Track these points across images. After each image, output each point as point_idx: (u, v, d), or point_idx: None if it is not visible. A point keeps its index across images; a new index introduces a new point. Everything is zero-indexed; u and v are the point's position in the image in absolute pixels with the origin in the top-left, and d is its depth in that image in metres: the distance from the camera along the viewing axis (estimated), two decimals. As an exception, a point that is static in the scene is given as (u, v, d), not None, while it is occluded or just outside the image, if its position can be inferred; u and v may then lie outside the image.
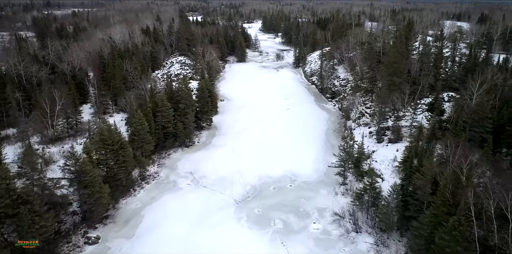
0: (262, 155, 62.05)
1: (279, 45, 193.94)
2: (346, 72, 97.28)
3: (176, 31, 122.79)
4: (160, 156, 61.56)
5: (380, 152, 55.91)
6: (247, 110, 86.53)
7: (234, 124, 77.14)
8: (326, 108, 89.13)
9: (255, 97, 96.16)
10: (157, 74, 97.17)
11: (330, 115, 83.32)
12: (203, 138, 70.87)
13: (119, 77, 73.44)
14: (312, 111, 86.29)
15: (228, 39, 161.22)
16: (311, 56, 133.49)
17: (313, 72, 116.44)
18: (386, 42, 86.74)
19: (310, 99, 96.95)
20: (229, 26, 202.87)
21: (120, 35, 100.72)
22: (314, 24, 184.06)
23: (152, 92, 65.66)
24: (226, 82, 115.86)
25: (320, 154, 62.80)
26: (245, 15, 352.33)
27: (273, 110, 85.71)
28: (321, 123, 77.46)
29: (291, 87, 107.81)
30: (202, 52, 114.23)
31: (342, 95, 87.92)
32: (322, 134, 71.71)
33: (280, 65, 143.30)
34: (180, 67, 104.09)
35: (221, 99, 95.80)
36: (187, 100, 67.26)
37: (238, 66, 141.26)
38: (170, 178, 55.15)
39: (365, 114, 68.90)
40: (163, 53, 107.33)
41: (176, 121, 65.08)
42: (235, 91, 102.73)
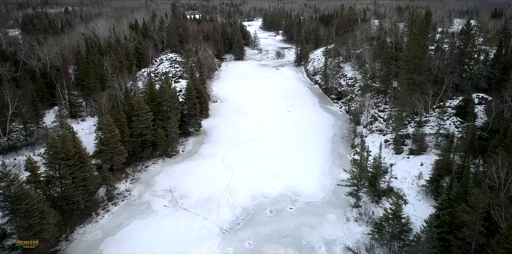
0: (258, 167, 52.16)
1: (280, 43, 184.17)
2: (354, 71, 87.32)
3: (167, 26, 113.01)
4: (135, 169, 51.70)
5: (400, 166, 45.91)
6: (242, 113, 76.64)
7: (226, 130, 67.25)
8: (332, 110, 79.15)
9: (252, 98, 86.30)
10: (143, 72, 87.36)
11: (336, 118, 73.34)
12: (189, 145, 60.92)
13: (93, 75, 63.56)
14: (316, 114, 76.31)
15: (225, 36, 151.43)
16: (314, 53, 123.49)
17: (316, 70, 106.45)
18: (399, 37, 76.79)
19: (313, 100, 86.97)
20: (228, 23, 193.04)
21: (103, 29, 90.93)
22: (316, 21, 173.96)
23: (128, 93, 55.80)
24: (221, 81, 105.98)
25: (326, 166, 52.85)
26: (245, 13, 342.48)
27: (271, 113, 75.81)
28: (326, 129, 67.48)
29: (292, 87, 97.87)
30: (195, 48, 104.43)
31: (350, 96, 77.95)
32: (328, 141, 61.73)
33: (281, 63, 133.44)
34: (170, 65, 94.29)
35: (213, 100, 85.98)
36: (170, 102, 57.43)
37: (235, 65, 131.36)
38: (143, 198, 45.24)
39: (379, 119, 58.93)
40: (151, 50, 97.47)
41: (157, 127, 55.26)
42: (230, 92, 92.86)
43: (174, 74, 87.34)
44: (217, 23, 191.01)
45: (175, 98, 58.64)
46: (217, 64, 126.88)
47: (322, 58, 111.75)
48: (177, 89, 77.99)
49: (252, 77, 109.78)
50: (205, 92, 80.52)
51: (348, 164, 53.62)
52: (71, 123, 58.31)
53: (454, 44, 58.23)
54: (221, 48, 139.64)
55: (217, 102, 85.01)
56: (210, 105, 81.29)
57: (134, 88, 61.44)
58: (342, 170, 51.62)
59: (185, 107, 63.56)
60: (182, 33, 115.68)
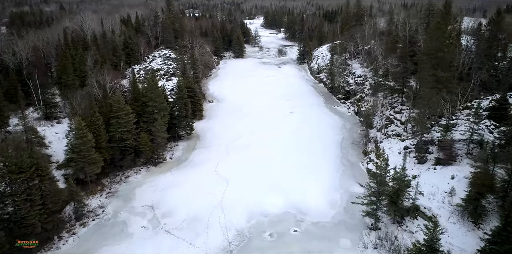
0: (256, 178, 44.83)
1: (282, 41, 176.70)
2: (363, 68, 79.88)
3: (162, 20, 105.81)
4: (113, 180, 44.44)
5: (426, 179, 38.46)
6: (240, 114, 69.31)
7: (222, 133, 59.94)
8: (339, 111, 71.74)
9: (252, 98, 78.97)
10: (133, 69, 80.00)
11: (344, 121, 65.94)
12: (179, 151, 53.61)
13: (71, 71, 56.38)
14: (322, 115, 68.90)
15: (224, 33, 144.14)
16: (318, 50, 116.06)
17: (321, 68, 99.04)
18: (413, 30, 69.36)
19: (319, 100, 79.58)
20: (227, 20, 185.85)
21: (90, 22, 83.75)
22: (320, 17, 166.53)
23: (107, 92, 48.56)
24: (218, 80, 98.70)
25: (335, 177, 45.47)
26: (246, 11, 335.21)
27: (273, 115, 68.48)
28: (334, 132, 60.08)
29: (295, 86, 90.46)
30: (191, 45, 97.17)
31: (359, 96, 70.51)
32: (336, 147, 54.34)
33: (283, 61, 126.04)
34: (163, 62, 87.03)
35: (209, 100, 78.69)
36: (156, 102, 50.17)
37: (235, 62, 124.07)
38: (119, 216, 37.96)
39: (395, 122, 51.48)
40: (143, 46, 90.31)
41: (140, 131, 48.02)
42: (228, 91, 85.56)
43: (166, 71, 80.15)
44: (216, 19, 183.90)
45: (162, 97, 51.37)
46: (215, 62, 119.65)
47: (327, 55, 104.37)
48: (169, 87, 70.88)
49: (252, 75, 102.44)
50: (199, 91, 73.30)
51: (361, 174, 46.31)
52: (44, 126, 51.31)
53: (482, 35, 50.74)
54: (219, 45, 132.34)
55: (213, 102, 77.71)
56: (205, 105, 74.04)
57: (117, 87, 54.10)
58: (354, 182, 44.23)
59: (175, 108, 56.31)
60: (177, 29, 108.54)
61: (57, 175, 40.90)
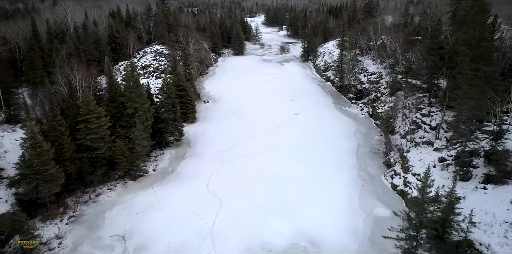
0: (256, 196, 36.41)
1: (284, 38, 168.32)
2: (376, 64, 71.34)
3: (154, 14, 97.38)
4: (80, 200, 35.99)
5: (475, 202, 29.88)
6: (239, 116, 60.86)
7: (216, 139, 51.48)
8: (351, 113, 63.20)
9: (252, 98, 70.53)
10: (120, 66, 71.72)
11: (358, 124, 57.45)
12: (164, 161, 45.12)
13: (40, 66, 48.02)
14: (332, 118, 60.41)
15: (224, 29, 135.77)
16: (324, 47, 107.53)
17: (328, 65, 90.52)
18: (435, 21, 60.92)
19: (327, 100, 71.09)
20: (227, 16, 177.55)
21: (73, 14, 75.39)
22: (324, 13, 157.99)
23: (74, 90, 40.09)
24: (216, 78, 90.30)
25: (354, 195, 36.98)
26: (247, 9, 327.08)
27: (276, 117, 60.01)
28: (348, 138, 51.59)
29: (300, 85, 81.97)
30: (185, 40, 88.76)
31: (374, 96, 61.97)
32: (351, 156, 45.85)
33: (285, 58, 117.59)
34: (154, 58, 78.64)
35: (204, 100, 70.22)
36: (136, 103, 41.73)
37: (234, 60, 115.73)
38: (79, 251, 29.53)
39: (423, 126, 42.87)
40: (133, 40, 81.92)
41: (116, 138, 39.63)
42: (226, 90, 77.11)
43: (156, 68, 71.65)
44: (215, 15, 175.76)
45: (144, 97, 42.90)
46: (213, 59, 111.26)
47: (334, 51, 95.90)
48: (158, 86, 62.41)
49: (252, 73, 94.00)
50: (192, 90, 64.88)
51: (384, 191, 37.87)
52: (4, 132, 42.93)
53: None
54: (218, 41, 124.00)
55: (209, 103, 69.25)
56: (199, 106, 65.67)
57: (91, 85, 45.60)
58: (378, 201, 35.79)
59: (162, 110, 47.87)
60: (171, 23, 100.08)
61: (7, 195, 32.58)
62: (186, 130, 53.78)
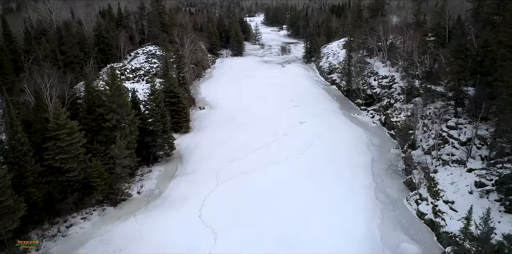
0: (257, 225, 30.62)
1: (285, 38, 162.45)
2: (386, 66, 65.56)
3: (148, 12, 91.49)
4: (47, 233, 30.04)
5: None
6: (237, 125, 54.99)
7: (212, 153, 45.58)
8: (361, 121, 57.38)
9: (252, 104, 64.67)
10: (107, 69, 65.69)
11: (370, 134, 51.67)
12: (151, 181, 39.25)
13: (11, 70, 42.17)
14: (340, 127, 54.58)
15: (222, 29, 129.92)
16: (327, 47, 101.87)
17: (333, 67, 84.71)
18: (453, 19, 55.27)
19: (333, 106, 65.25)
20: (226, 15, 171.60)
21: (57, 13, 69.47)
22: (327, 12, 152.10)
23: (41, 100, 34.13)
24: (213, 81, 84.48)
25: (373, 224, 31.18)
26: (246, 8, 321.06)
27: (278, 125, 54.21)
28: (360, 151, 45.79)
29: (303, 89, 76.05)
30: (180, 39, 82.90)
31: (387, 102, 56.17)
32: (366, 174, 40.07)
33: (287, 60, 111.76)
34: (145, 60, 72.73)
35: (200, 106, 64.34)
36: (118, 115, 35.91)
37: (232, 61, 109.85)
38: None
39: (450, 141, 37.07)
40: (124, 41, 76.07)
41: (92, 156, 33.83)
42: (223, 95, 71.22)
43: (146, 71, 65.73)
44: (213, 15, 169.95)
45: (128, 107, 37.06)
46: (210, 60, 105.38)
47: (338, 52, 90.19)
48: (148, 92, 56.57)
49: (252, 75, 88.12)
50: (187, 96, 59.03)
51: (409, 219, 32.11)
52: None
53: None
54: (216, 41, 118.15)
55: (205, 109, 63.35)
56: (194, 113, 59.91)
57: (72, 93, 39.62)
58: (403, 234, 30.02)
59: (149, 121, 42.02)
60: (166, 22, 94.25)
61: (-46, 230, 26.71)
62: (178, 141, 48.03)
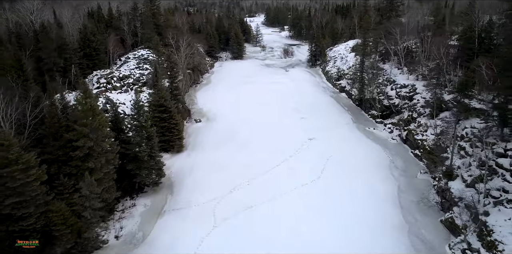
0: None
1: (286, 40, 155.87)
2: (404, 74, 58.61)
3: (141, 13, 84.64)
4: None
5: None
6: (238, 143, 47.99)
7: (208, 179, 38.58)
8: (378, 137, 50.45)
9: (254, 115, 57.86)
10: (94, 76, 58.67)
11: (391, 153, 44.70)
12: (134, 219, 32.19)
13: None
14: (356, 144, 47.59)
15: (221, 30, 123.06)
16: (334, 50, 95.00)
17: (342, 73, 77.82)
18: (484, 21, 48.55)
19: (345, 118, 58.37)
20: (225, 16, 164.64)
21: (37, 13, 62.47)
22: (331, 12, 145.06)
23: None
24: (211, 88, 77.61)
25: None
26: (246, 9, 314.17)
27: (285, 143, 47.25)
28: (383, 177, 38.82)
29: (311, 97, 69.23)
30: (175, 42, 76.01)
31: (408, 116, 49.25)
32: (394, 210, 33.09)
33: (290, 63, 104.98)
34: (136, 66, 65.78)
35: (196, 119, 57.40)
36: (91, 141, 28.91)
37: (232, 65, 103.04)
38: None
39: (500, 172, 30.07)
40: (113, 44, 69.17)
41: (58, 194, 26.87)
42: (222, 104, 64.37)
43: (136, 79, 58.65)
44: (212, 15, 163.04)
45: (104, 132, 30.07)
46: (209, 64, 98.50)
47: (346, 55, 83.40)
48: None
49: (253, 81, 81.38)
50: (179, 108, 52.05)
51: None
52: None
53: None
54: (215, 44, 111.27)
55: (201, 122, 56.39)
56: (188, 127, 53.05)
57: (33, 113, 32.45)
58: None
59: (132, 144, 35.06)
60: (161, 24, 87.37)
61: None
62: (169, 163, 41.14)
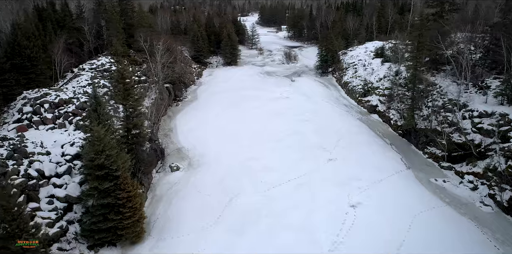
0: None
1: (285, 41, 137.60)
2: (473, 93, 40.23)
3: (105, 9, 65.35)
4: None
5: None
6: (238, 212, 29.19)
7: None
8: (454, 197, 31.95)
9: (258, 155, 39.15)
10: (17, 102, 39.09)
11: (493, 238, 26.39)
12: None
13: None
14: (426, 216, 29.11)
15: (211, 31, 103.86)
16: (351, 56, 76.67)
17: (370, 87, 59.44)
18: None
19: (392, 159, 39.67)
20: (216, 14, 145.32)
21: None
22: (340, 10, 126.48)
23: None
24: (197, 108, 58.47)
25: None
26: (239, 8, 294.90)
27: (314, 215, 28.65)
28: None
29: (332, 122, 50.56)
30: (147, 47, 56.85)
31: (508, 167, 30.87)
32: None
33: (295, 70, 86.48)
34: (90, 81, 46.55)
35: (173, 166, 38.06)
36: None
37: (225, 73, 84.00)
38: None
39: None
40: (60, 52, 50.05)
41: None
42: (213, 136, 45.33)
43: (80, 106, 38.84)
44: (201, 13, 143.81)
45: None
46: (196, 73, 79.48)
47: (370, 62, 65.38)
48: (69, 155, 30.47)
49: (253, 96, 62.66)
50: (146, 154, 32.88)
51: None
52: None
53: None
54: (203, 47, 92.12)
55: (181, 171, 37.25)
56: (157, 183, 33.87)
57: None
58: None
59: None
60: (133, 23, 68.20)
61: None
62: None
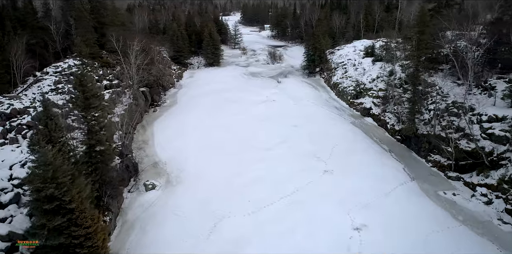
0: None
1: (269, 40, 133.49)
2: (477, 95, 36.79)
3: (73, 6, 59.46)
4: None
5: None
6: (224, 239, 24.61)
7: None
8: (466, 212, 28.23)
9: (245, 168, 34.60)
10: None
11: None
12: None
13: None
14: (439, 237, 25.27)
15: (191, 30, 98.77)
16: (339, 55, 72.90)
17: (362, 88, 55.68)
18: None
19: (393, 169, 35.81)
20: (197, 13, 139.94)
21: None
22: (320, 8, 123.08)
23: None
24: (176, 113, 53.33)
25: None
26: (220, 7, 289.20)
27: (313, 240, 24.33)
28: None
29: (324, 127, 46.33)
30: (120, 47, 51.42)
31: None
32: None
33: (281, 71, 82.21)
34: (54, 87, 41.05)
35: (148, 184, 33.05)
36: None
37: (207, 74, 78.93)
38: None
39: None
40: (19, 52, 44.29)
41: None
42: (194, 147, 40.45)
43: (37, 117, 33.50)
44: (181, 12, 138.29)
45: None
46: (175, 75, 74.24)
47: (361, 62, 61.77)
48: (16, 180, 25.20)
49: (237, 99, 58.09)
50: (112, 178, 27.88)
51: None
52: None
53: None
54: (183, 47, 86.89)
55: (157, 190, 32.27)
56: (129, 206, 28.87)
57: None
58: None
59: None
60: (105, 22, 62.46)
61: None
62: None
